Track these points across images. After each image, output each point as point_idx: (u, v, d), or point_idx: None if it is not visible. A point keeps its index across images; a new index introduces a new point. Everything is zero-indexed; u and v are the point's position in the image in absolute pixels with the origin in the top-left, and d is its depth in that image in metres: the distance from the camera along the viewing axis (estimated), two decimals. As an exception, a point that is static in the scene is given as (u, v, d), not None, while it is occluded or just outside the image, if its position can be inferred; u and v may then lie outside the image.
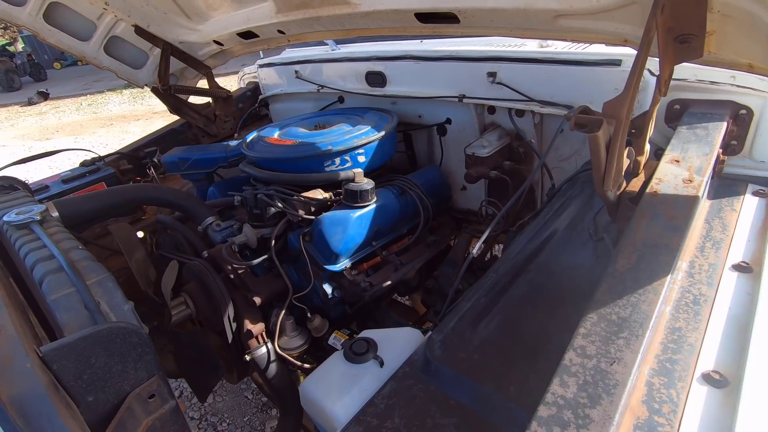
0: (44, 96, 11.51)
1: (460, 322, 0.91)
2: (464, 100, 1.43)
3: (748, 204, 0.98)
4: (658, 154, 1.14)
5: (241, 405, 2.33)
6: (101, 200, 1.22)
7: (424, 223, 1.42)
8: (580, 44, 1.30)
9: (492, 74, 1.34)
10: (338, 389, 0.85)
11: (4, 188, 1.26)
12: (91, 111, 10.19)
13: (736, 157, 1.08)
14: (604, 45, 1.02)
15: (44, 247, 0.79)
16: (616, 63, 1.15)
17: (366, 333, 0.98)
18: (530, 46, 1.38)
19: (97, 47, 1.89)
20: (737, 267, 0.80)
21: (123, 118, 9.26)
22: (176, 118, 2.16)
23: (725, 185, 1.04)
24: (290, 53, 2.30)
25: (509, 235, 1.38)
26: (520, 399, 0.74)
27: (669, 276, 0.69)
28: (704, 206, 0.99)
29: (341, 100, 1.96)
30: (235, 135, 2.25)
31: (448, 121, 1.63)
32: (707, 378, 0.62)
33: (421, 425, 0.75)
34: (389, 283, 1.33)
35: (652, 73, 1.09)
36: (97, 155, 1.80)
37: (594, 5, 0.84)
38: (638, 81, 0.71)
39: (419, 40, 1.76)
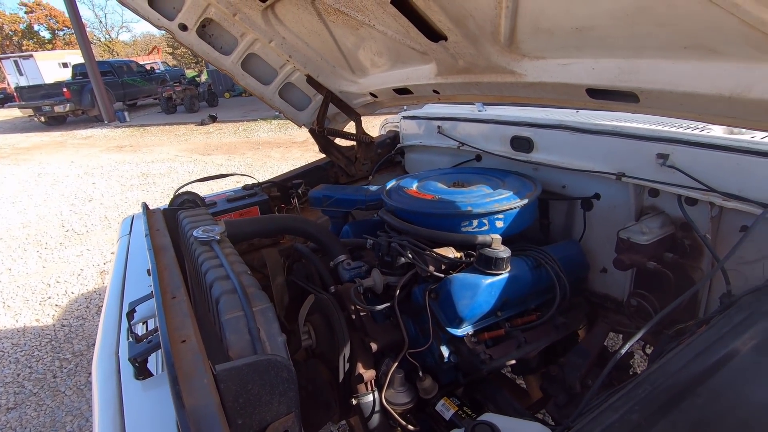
0: (213, 119, 13.79)
1: (606, 429, 0.79)
2: (623, 179, 1.32)
3: None
4: None
5: (325, 438, 2.34)
6: (260, 225, 1.38)
7: (559, 302, 1.31)
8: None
9: (663, 156, 1.21)
10: (456, 474, 0.79)
11: (189, 202, 1.49)
12: (245, 135, 11.88)
13: None
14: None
15: (221, 266, 0.90)
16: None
17: (488, 417, 0.90)
18: (716, 131, 1.23)
19: (274, 90, 2.21)
20: None
21: (268, 144, 10.58)
22: (303, 147, 2.39)
23: None
24: (433, 108, 2.41)
25: (662, 339, 1.19)
26: None
27: None
28: None
29: (478, 158, 1.97)
30: (370, 177, 2.40)
31: (597, 196, 1.51)
32: None
33: None
34: (510, 359, 1.24)
35: None
36: (256, 181, 2.07)
37: (834, 103, 0.71)
38: None
39: (575, 110, 1.71)
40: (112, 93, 15.68)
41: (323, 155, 2.37)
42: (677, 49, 0.88)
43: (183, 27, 1.90)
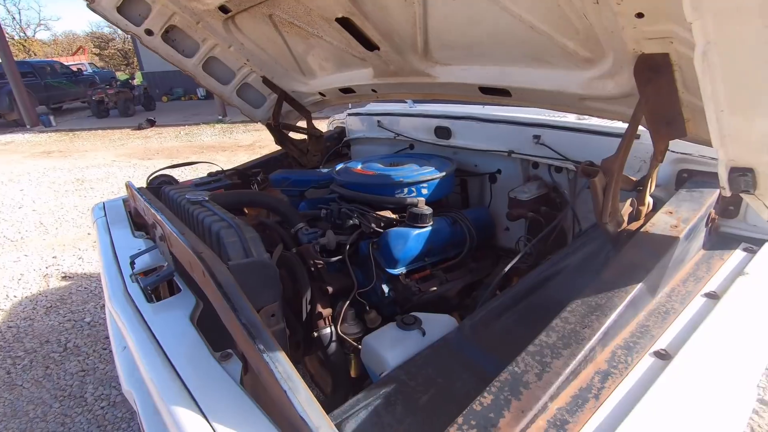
0: (151, 123, 13.31)
1: (487, 315, 1.20)
2: (512, 155, 1.78)
3: (736, 256, 1.20)
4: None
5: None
6: (235, 198, 1.68)
7: (468, 248, 1.73)
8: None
9: (537, 137, 1.68)
10: (390, 344, 1.16)
11: (167, 182, 1.75)
12: (187, 139, 11.62)
13: (734, 220, 1.31)
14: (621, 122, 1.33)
15: (215, 214, 1.21)
16: (637, 137, 1.44)
17: (414, 313, 1.28)
18: (570, 118, 1.71)
19: (232, 90, 2.49)
20: (708, 294, 1.04)
21: (212, 148, 10.46)
22: (250, 150, 2.69)
23: (721, 240, 1.27)
24: (374, 106, 2.80)
25: (539, 267, 1.65)
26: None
27: (640, 284, 0.95)
28: (699, 253, 1.23)
29: (412, 147, 2.38)
30: (320, 167, 2.73)
31: (499, 171, 1.97)
32: (656, 353, 0.87)
33: (447, 374, 1.03)
34: (434, 290, 1.64)
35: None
36: (221, 168, 2.33)
37: (606, 93, 1.17)
38: (628, 146, 1.03)
39: (482, 105, 2.16)
40: (34, 96, 14.60)
41: (278, 147, 2.67)
42: (529, 60, 1.33)
43: (149, 32, 2.14)
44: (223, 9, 1.90)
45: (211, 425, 0.78)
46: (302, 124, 2.69)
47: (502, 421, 0.71)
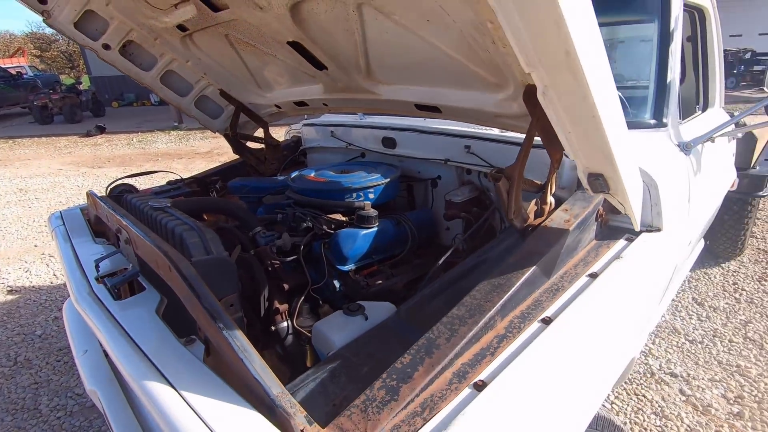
0: (101, 129, 12.81)
1: (420, 300, 1.41)
2: (448, 163, 2.01)
3: (618, 245, 1.48)
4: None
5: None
6: (196, 204, 1.80)
7: (411, 246, 1.95)
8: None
9: (467, 146, 1.92)
10: (337, 328, 1.33)
11: (128, 191, 1.85)
12: (141, 146, 11.29)
13: (620, 215, 1.59)
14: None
15: (178, 218, 1.35)
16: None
17: (359, 302, 1.47)
18: (494, 131, 1.97)
19: (190, 101, 2.59)
20: (590, 275, 1.29)
21: (168, 155, 10.23)
22: (208, 157, 2.81)
23: (610, 232, 1.55)
24: (328, 118, 2.98)
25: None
26: (447, 337, 1.21)
27: (534, 267, 1.19)
28: (591, 243, 1.50)
29: (362, 155, 2.58)
30: (278, 174, 2.87)
31: (439, 177, 2.20)
32: (542, 320, 1.10)
33: (385, 349, 1.22)
34: (380, 284, 1.84)
35: (565, 155, 1.64)
36: (180, 177, 2.43)
37: (513, 112, 1.42)
38: (526, 156, 1.27)
39: (423, 119, 2.40)
40: (-33, 100, 13.68)
41: (237, 156, 2.79)
42: (453, 83, 1.56)
43: (106, 46, 2.22)
44: (181, 27, 2.03)
45: (180, 394, 0.93)
46: (260, 133, 2.83)
47: (417, 374, 0.91)
